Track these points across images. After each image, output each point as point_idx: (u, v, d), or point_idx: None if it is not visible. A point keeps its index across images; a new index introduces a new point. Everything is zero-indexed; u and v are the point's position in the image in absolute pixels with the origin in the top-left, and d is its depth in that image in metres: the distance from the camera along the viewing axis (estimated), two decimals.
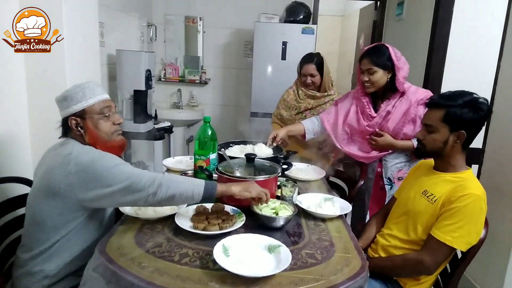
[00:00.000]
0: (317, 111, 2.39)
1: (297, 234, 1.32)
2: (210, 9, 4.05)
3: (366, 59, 1.87)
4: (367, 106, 1.97)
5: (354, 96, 2.07)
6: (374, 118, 1.94)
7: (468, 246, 1.30)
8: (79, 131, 1.32)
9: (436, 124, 1.36)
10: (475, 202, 1.28)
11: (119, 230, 1.27)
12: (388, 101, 1.93)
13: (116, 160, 1.26)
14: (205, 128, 1.58)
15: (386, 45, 1.89)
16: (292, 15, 3.63)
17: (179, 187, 1.22)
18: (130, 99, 2.92)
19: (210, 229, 1.24)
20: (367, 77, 1.88)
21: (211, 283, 0.99)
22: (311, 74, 2.38)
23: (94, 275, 1.08)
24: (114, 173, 1.21)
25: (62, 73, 1.94)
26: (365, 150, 2.02)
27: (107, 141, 1.37)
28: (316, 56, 2.41)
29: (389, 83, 1.88)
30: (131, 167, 1.26)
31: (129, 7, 3.38)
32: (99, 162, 1.23)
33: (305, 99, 2.44)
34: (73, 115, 1.31)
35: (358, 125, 2.00)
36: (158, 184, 1.20)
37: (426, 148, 1.41)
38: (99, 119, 1.34)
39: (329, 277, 1.05)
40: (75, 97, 1.31)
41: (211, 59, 4.19)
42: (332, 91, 2.45)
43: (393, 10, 3.76)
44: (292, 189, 1.50)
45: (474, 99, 1.32)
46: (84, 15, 2.14)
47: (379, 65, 1.84)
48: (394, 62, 1.83)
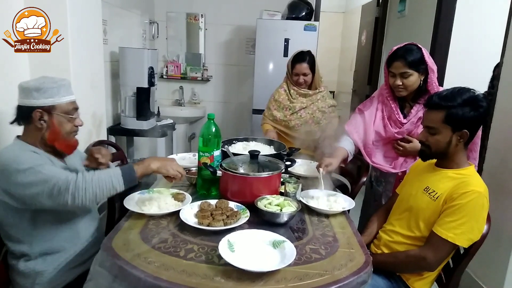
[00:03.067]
0: (311, 109, 2.37)
1: (301, 230, 1.33)
2: (212, 6, 4.05)
3: (399, 61, 1.69)
4: (395, 112, 1.81)
5: (379, 100, 1.90)
6: (404, 124, 1.78)
7: (470, 242, 1.31)
8: (42, 124, 1.31)
9: (437, 125, 1.35)
10: (477, 199, 1.28)
11: (125, 226, 1.28)
12: (419, 105, 1.77)
13: (34, 161, 1.23)
14: (209, 125, 1.58)
15: (418, 44, 1.73)
16: (294, 12, 3.62)
17: (97, 185, 1.20)
18: (133, 96, 2.93)
19: (215, 225, 1.25)
20: (400, 81, 1.71)
21: (217, 278, 1.00)
22: (304, 73, 2.34)
23: (101, 270, 1.10)
24: (28, 176, 1.19)
25: (67, 72, 1.95)
26: (389, 156, 1.88)
27: (65, 139, 1.38)
28: (308, 55, 2.36)
29: (422, 86, 1.73)
30: (48, 170, 1.22)
31: (131, 4, 3.38)
32: (13, 165, 1.20)
33: (297, 98, 2.40)
34: (41, 108, 1.29)
35: (385, 132, 1.84)
36: (74, 188, 1.18)
37: (432, 150, 1.40)
38: (65, 118, 1.35)
39: (333, 272, 1.06)
40: (49, 91, 1.29)
41: (213, 56, 4.19)
42: (322, 87, 2.44)
43: (395, 6, 3.75)
44: (296, 186, 1.52)
45: (473, 97, 1.31)
46: (88, 13, 2.15)
47: (414, 67, 1.68)
48: (428, 63, 1.69)
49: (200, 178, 1.61)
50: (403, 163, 1.84)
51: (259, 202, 1.39)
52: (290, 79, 2.42)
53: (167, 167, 1.34)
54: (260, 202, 1.39)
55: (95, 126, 2.30)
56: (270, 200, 1.41)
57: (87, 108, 1.98)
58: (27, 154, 1.27)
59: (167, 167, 1.34)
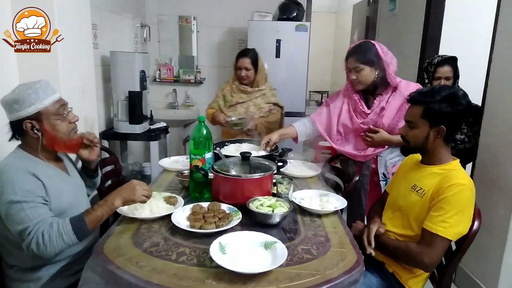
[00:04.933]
0: (247, 105, 2.54)
1: (293, 231, 1.33)
2: (203, 8, 4.05)
3: (351, 57, 1.86)
4: (359, 103, 1.95)
5: (345, 94, 2.04)
6: (368, 115, 1.92)
7: (458, 236, 1.31)
8: (36, 134, 1.28)
9: (416, 120, 1.38)
10: (462, 191, 1.29)
11: (116, 230, 1.28)
12: (381, 96, 1.91)
13: (27, 195, 1.20)
14: (199, 127, 1.59)
15: (371, 41, 1.89)
16: (285, 13, 3.63)
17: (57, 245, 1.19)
18: (125, 100, 2.92)
19: (206, 228, 1.25)
20: (354, 76, 1.87)
21: (208, 281, 1.00)
22: (246, 67, 2.50)
23: (93, 275, 1.09)
24: (13, 208, 1.18)
25: (56, 75, 1.94)
26: (360, 148, 2.00)
27: (66, 141, 1.35)
28: (251, 51, 2.56)
29: (378, 79, 1.87)
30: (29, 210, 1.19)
31: (121, 8, 3.38)
32: (7, 189, 1.19)
33: (237, 93, 2.58)
34: (27, 118, 1.26)
35: (351, 124, 1.98)
36: (37, 244, 1.17)
37: (411, 144, 1.44)
38: (56, 120, 1.31)
39: (325, 272, 1.06)
40: (27, 99, 1.24)
41: (205, 58, 4.19)
42: (264, 87, 2.59)
43: (385, 5, 3.77)
44: (288, 186, 1.52)
45: (452, 94, 1.33)
46: (76, 17, 2.14)
47: (365, 62, 1.83)
48: (382, 57, 1.82)
49: (192, 181, 1.61)
50: (373, 152, 1.96)
51: (251, 204, 1.39)
52: (235, 74, 2.58)
53: (132, 197, 1.28)
54: (252, 204, 1.39)
55: (87, 131, 2.29)
56: (262, 202, 1.40)
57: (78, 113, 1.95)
58: (25, 179, 1.23)
59: (132, 197, 1.28)
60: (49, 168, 1.34)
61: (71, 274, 1.38)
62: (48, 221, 1.20)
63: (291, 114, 3.70)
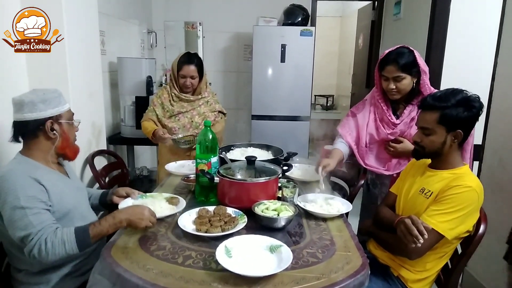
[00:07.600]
0: (191, 115, 2.34)
1: (298, 234, 1.34)
2: (209, 14, 4.09)
3: (392, 65, 1.70)
4: (387, 113, 1.83)
5: (371, 103, 1.91)
6: (397, 125, 1.81)
7: (454, 234, 1.30)
8: (55, 134, 1.34)
9: (432, 126, 1.36)
10: (466, 192, 1.29)
11: (124, 233, 1.30)
12: (412, 106, 1.79)
13: (30, 201, 1.23)
14: (205, 132, 1.60)
15: (409, 47, 1.74)
16: (291, 18, 3.66)
17: (58, 253, 1.20)
18: (132, 105, 2.95)
19: (212, 231, 1.26)
20: (393, 85, 1.72)
21: (214, 284, 1.01)
22: (192, 76, 2.28)
23: (100, 278, 1.11)
24: (16, 214, 1.21)
25: (65, 83, 1.96)
26: (382, 157, 1.90)
27: (73, 145, 1.44)
28: (195, 57, 2.32)
29: (415, 88, 1.75)
30: (32, 216, 1.21)
31: (128, 14, 3.42)
32: (11, 195, 1.22)
33: (178, 102, 2.35)
34: (49, 118, 1.32)
35: (377, 134, 1.86)
36: (39, 250, 1.19)
37: (426, 150, 1.41)
38: (70, 125, 1.40)
39: (330, 275, 1.07)
40: (53, 100, 1.33)
41: (211, 63, 4.22)
42: (206, 93, 2.41)
43: (390, 9, 3.77)
44: (293, 190, 1.53)
45: (466, 97, 1.33)
46: (85, 25, 2.18)
47: (407, 71, 1.69)
48: (420, 65, 1.70)
49: (198, 185, 1.62)
50: (397, 165, 1.86)
51: (256, 208, 1.40)
52: (175, 82, 2.34)
53: (137, 223, 1.27)
54: (257, 208, 1.40)
55: (94, 135, 2.32)
56: (268, 205, 1.42)
57: (86, 118, 1.98)
58: (28, 184, 1.25)
59: (137, 224, 1.27)
60: (51, 172, 1.38)
61: (80, 274, 1.40)
62: (51, 228, 1.22)
63: (297, 119, 3.73)
